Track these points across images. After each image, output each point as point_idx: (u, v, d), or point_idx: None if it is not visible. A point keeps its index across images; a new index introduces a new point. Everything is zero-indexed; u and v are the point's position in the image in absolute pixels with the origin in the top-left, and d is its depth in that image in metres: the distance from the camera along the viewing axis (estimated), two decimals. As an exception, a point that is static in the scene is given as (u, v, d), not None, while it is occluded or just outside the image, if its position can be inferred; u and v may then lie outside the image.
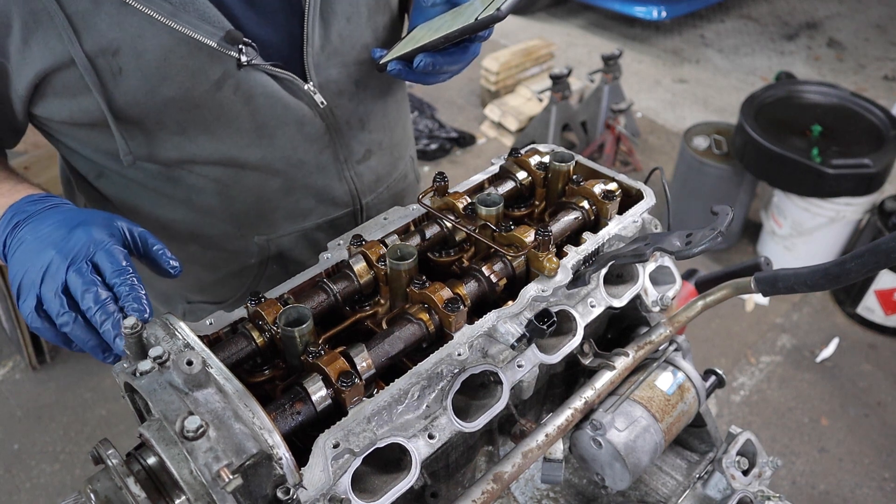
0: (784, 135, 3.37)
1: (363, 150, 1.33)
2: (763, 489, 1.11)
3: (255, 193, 1.24)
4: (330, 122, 1.23)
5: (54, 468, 2.77)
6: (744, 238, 3.92)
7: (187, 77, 1.05)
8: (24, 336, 3.01)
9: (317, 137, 1.23)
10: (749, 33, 6.35)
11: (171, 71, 1.03)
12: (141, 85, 1.03)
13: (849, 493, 2.71)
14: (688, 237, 0.87)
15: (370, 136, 1.33)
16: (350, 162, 1.31)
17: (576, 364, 1.07)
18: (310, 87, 1.17)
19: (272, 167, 1.21)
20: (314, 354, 0.81)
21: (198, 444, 0.67)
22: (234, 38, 1.04)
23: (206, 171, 1.18)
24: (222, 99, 1.09)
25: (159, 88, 1.04)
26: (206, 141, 1.13)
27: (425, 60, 1.07)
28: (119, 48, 0.99)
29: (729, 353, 3.29)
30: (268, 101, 1.13)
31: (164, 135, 1.10)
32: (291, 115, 1.17)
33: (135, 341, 0.78)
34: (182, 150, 1.13)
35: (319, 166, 1.27)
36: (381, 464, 0.82)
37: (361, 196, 1.38)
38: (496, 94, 4.91)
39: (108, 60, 1.00)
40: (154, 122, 1.08)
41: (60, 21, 0.95)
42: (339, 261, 0.99)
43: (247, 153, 1.17)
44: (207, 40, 1.02)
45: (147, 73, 1.02)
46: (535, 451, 0.94)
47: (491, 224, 1.01)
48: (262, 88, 1.12)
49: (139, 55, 1.01)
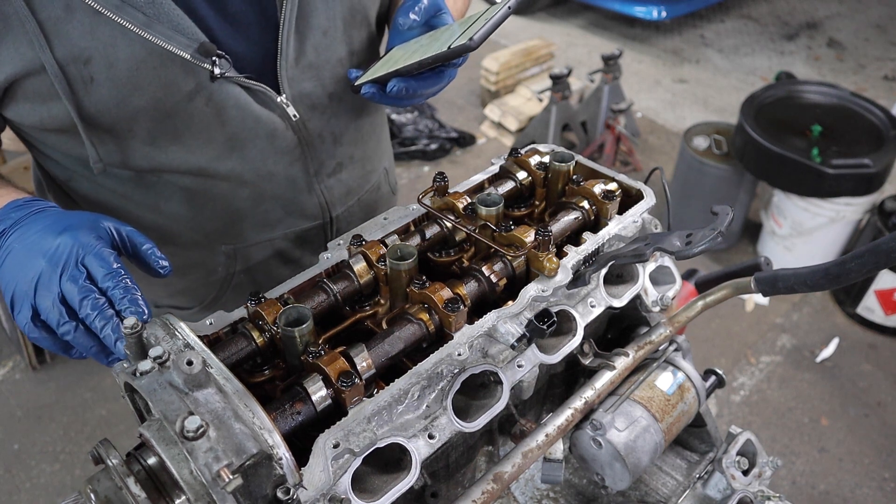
0: (784, 135, 3.37)
1: (334, 163, 1.32)
2: (763, 489, 1.11)
3: (223, 203, 1.23)
4: (302, 135, 1.22)
5: (54, 468, 2.77)
6: (744, 238, 3.92)
7: (159, 88, 1.04)
8: (23, 336, 3.01)
9: (288, 150, 1.22)
10: (749, 33, 6.35)
11: (143, 81, 1.02)
12: (112, 94, 1.02)
13: (849, 493, 2.71)
14: (688, 237, 0.87)
15: (342, 149, 1.32)
16: (321, 175, 1.31)
17: (576, 364, 1.07)
18: (282, 100, 1.16)
19: (242, 178, 1.21)
20: (314, 354, 0.81)
21: (198, 444, 0.67)
22: (207, 51, 1.03)
23: (176, 179, 1.17)
24: (193, 110, 1.08)
25: (130, 98, 1.03)
26: (177, 151, 1.12)
27: (399, 86, 1.07)
28: (91, 57, 0.98)
29: (729, 353, 3.29)
30: (239, 114, 1.12)
31: (135, 143, 1.09)
32: (263, 128, 1.16)
33: (135, 341, 0.78)
34: (152, 160, 1.12)
35: (289, 179, 1.26)
36: (381, 464, 0.82)
37: (331, 209, 1.37)
38: (496, 94, 4.91)
39: (80, 69, 0.99)
40: (125, 131, 1.07)
41: (32, 27, 0.94)
42: (339, 261, 0.99)
43: (217, 164, 1.17)
44: (181, 52, 1.01)
45: (118, 83, 1.01)
46: (535, 451, 0.94)
47: (491, 224, 1.01)
48: (235, 101, 1.11)
49: (111, 65, 1.00)
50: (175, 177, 1.16)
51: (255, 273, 1.35)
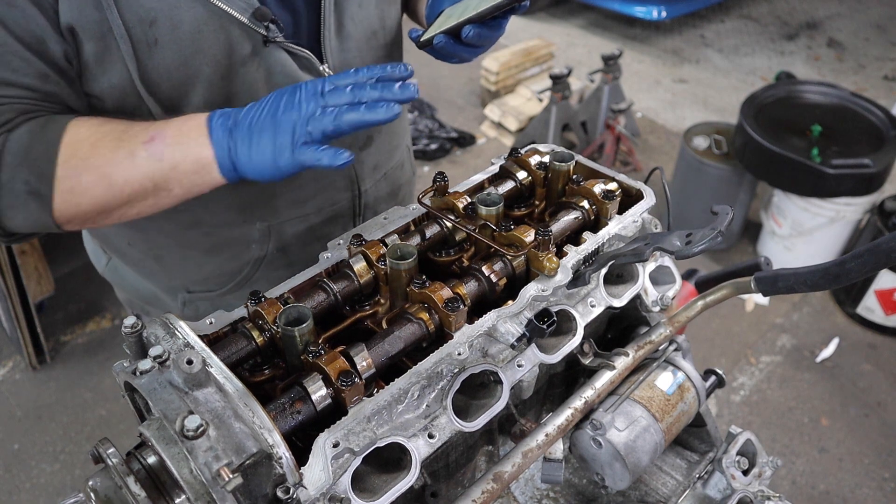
0: (784, 135, 3.37)
1: (365, 135, 1.36)
2: (763, 489, 1.11)
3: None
4: None
5: (54, 468, 2.77)
6: (744, 238, 3.92)
7: (219, 50, 1.07)
8: (24, 336, 3.01)
9: None
10: (749, 33, 6.35)
11: (205, 44, 1.05)
12: (175, 57, 1.04)
13: (849, 493, 2.71)
14: (688, 237, 0.87)
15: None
16: (353, 148, 1.33)
17: (576, 364, 1.07)
18: (325, 69, 1.19)
19: None
20: (314, 354, 0.81)
21: (198, 443, 0.67)
22: (262, 15, 1.07)
23: None
24: (246, 75, 1.12)
25: (192, 61, 1.05)
26: None
27: (473, 31, 1.08)
28: (156, 18, 1.00)
29: (729, 353, 3.28)
30: (286, 80, 1.15)
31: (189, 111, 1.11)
32: None
33: (135, 341, 0.78)
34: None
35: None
36: (381, 463, 0.82)
37: (360, 182, 1.39)
38: (496, 94, 4.91)
39: (145, 30, 1.00)
40: (181, 97, 1.09)
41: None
42: (339, 260, 0.99)
43: None
44: (239, 15, 1.05)
45: (182, 45, 1.03)
46: (535, 450, 0.94)
47: (491, 224, 1.01)
48: (282, 67, 1.14)
49: (175, 26, 1.02)
50: None
51: (287, 250, 1.37)
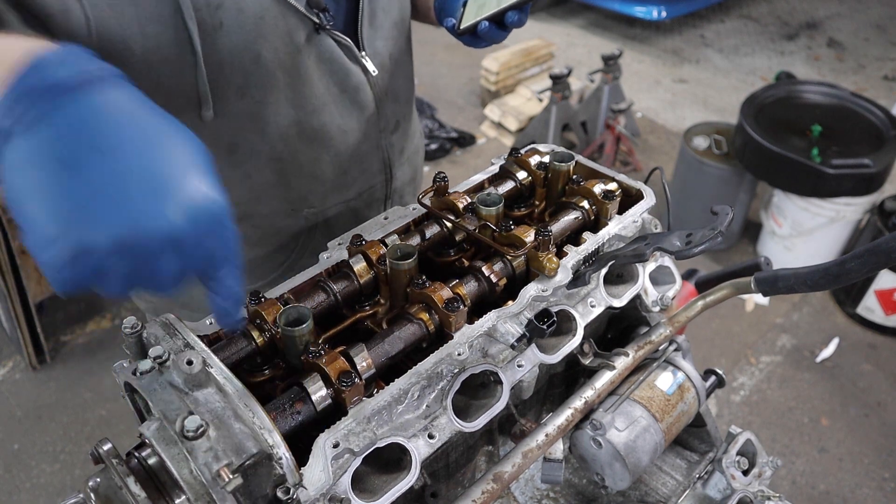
0: (784, 135, 3.37)
1: (395, 120, 1.40)
2: (763, 489, 1.11)
3: (308, 168, 1.29)
4: (377, 91, 1.30)
5: (54, 468, 2.77)
6: (744, 238, 3.92)
7: (280, 37, 1.09)
8: (23, 336, 3.01)
9: (366, 105, 1.29)
10: (749, 33, 6.35)
11: (267, 30, 1.07)
12: (239, 41, 1.06)
13: (849, 493, 2.71)
14: (688, 237, 0.87)
15: (400, 107, 1.41)
16: (386, 132, 1.38)
17: (576, 364, 1.07)
18: (363, 56, 1.24)
19: (328, 135, 1.27)
20: (314, 354, 0.81)
21: (198, 443, 0.67)
22: (316, 3, 1.11)
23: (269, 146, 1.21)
24: (300, 62, 1.14)
25: (254, 46, 1.07)
26: (282, 105, 1.17)
27: (517, 16, 1.11)
28: (222, 3, 1.02)
29: (729, 353, 3.28)
30: (334, 67, 1.20)
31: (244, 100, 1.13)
32: (351, 82, 1.24)
33: (135, 341, 0.78)
34: (256, 120, 1.17)
35: (365, 134, 1.33)
36: (381, 464, 0.82)
37: (392, 166, 1.44)
38: (496, 94, 4.91)
39: (211, 13, 1.02)
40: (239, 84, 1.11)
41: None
42: (339, 261, 0.99)
43: (311, 119, 1.22)
44: (296, 3, 1.08)
45: (245, 30, 1.05)
46: (535, 450, 0.94)
47: (491, 224, 1.01)
48: (331, 54, 1.18)
49: (240, 10, 1.04)
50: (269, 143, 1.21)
51: (330, 233, 1.39)
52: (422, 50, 1.70)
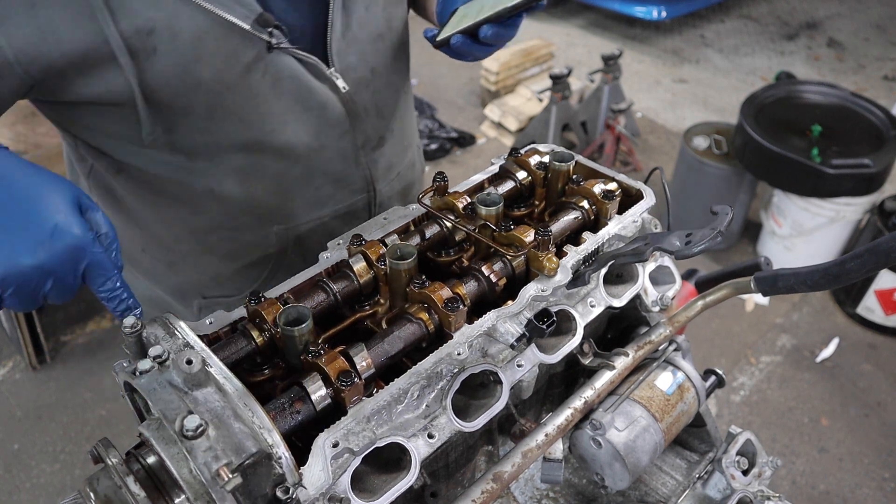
0: (784, 135, 3.37)
1: (377, 136, 1.36)
2: (763, 489, 1.11)
3: (276, 182, 1.26)
4: (350, 107, 1.25)
5: (54, 468, 2.77)
6: (744, 238, 3.92)
7: (221, 59, 1.06)
8: (24, 336, 3.01)
9: (338, 122, 1.25)
10: (749, 33, 6.35)
11: (205, 52, 1.04)
12: (175, 66, 1.03)
13: (849, 493, 2.71)
14: (687, 237, 0.87)
15: (384, 123, 1.37)
16: (366, 148, 1.34)
17: (575, 364, 1.07)
18: (332, 73, 1.19)
19: (295, 152, 1.23)
20: (314, 354, 0.81)
21: (197, 443, 0.67)
22: (265, 21, 1.06)
23: (230, 159, 1.19)
24: (251, 82, 1.11)
25: (193, 70, 1.05)
26: (233, 126, 1.15)
27: (491, 31, 1.08)
28: (154, 28, 1.00)
29: (729, 353, 3.28)
30: (294, 85, 1.16)
31: (192, 119, 1.11)
32: (315, 100, 1.19)
33: (134, 341, 0.78)
34: (207, 136, 1.14)
35: (339, 152, 1.29)
36: (381, 463, 0.82)
37: (375, 183, 1.40)
38: (496, 94, 4.91)
39: (143, 40, 1.00)
40: (183, 106, 1.09)
41: (96, 2, 0.95)
42: (339, 260, 0.99)
43: (271, 138, 1.19)
44: (241, 22, 1.04)
45: (181, 54, 1.03)
46: (534, 450, 0.94)
47: (491, 224, 1.01)
48: (290, 72, 1.14)
49: (174, 35, 1.01)
50: (229, 157, 1.18)
51: (306, 252, 1.37)
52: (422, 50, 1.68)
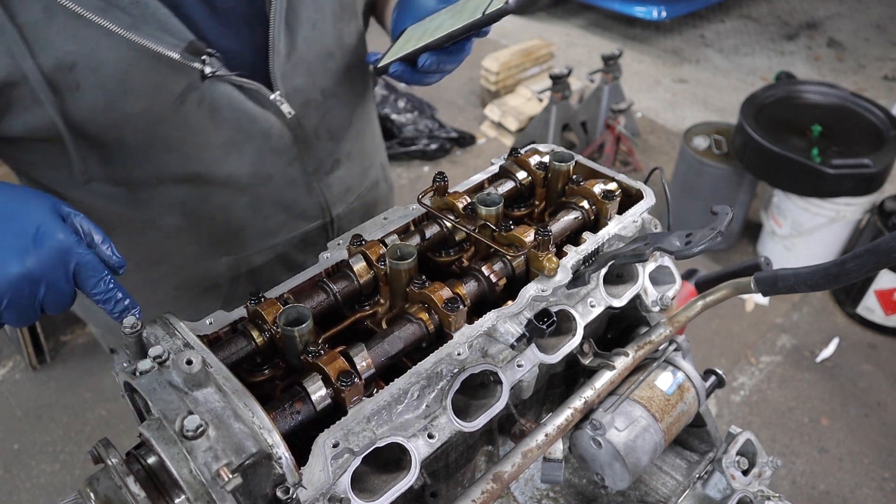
0: (784, 135, 3.37)
1: (331, 160, 1.30)
2: (763, 489, 1.11)
3: (222, 213, 1.21)
4: (297, 132, 1.20)
5: (54, 468, 2.77)
6: (744, 238, 3.92)
7: (149, 91, 1.00)
8: (24, 336, 3.01)
9: (284, 149, 1.19)
10: (749, 33, 6.35)
11: (132, 85, 0.99)
12: (100, 100, 0.98)
13: (849, 493, 2.71)
14: (687, 237, 0.87)
15: (338, 145, 1.30)
16: (319, 173, 1.28)
17: (576, 364, 1.07)
18: (276, 97, 1.13)
19: (240, 183, 1.18)
20: (314, 354, 0.81)
21: (197, 443, 0.67)
22: (197, 49, 1.00)
23: (171, 191, 1.14)
24: (186, 113, 1.05)
25: (119, 104, 1.00)
26: (171, 158, 1.09)
27: (430, 59, 1.03)
28: (75, 62, 0.94)
29: (729, 353, 3.28)
30: (234, 114, 1.09)
31: (126, 153, 1.06)
32: (258, 127, 1.13)
33: (134, 341, 0.78)
34: (146, 170, 1.09)
35: (288, 179, 1.23)
36: (381, 463, 0.82)
37: (332, 208, 1.35)
38: (496, 94, 4.91)
39: (64, 75, 0.95)
40: (114, 140, 1.04)
41: (11, 34, 0.89)
42: (339, 260, 0.99)
43: (214, 169, 1.14)
44: (169, 52, 0.97)
45: (106, 88, 0.98)
46: (534, 450, 0.94)
47: (491, 224, 1.01)
48: (228, 100, 1.08)
49: (97, 69, 0.96)
50: (170, 188, 1.13)
51: (259, 282, 1.33)
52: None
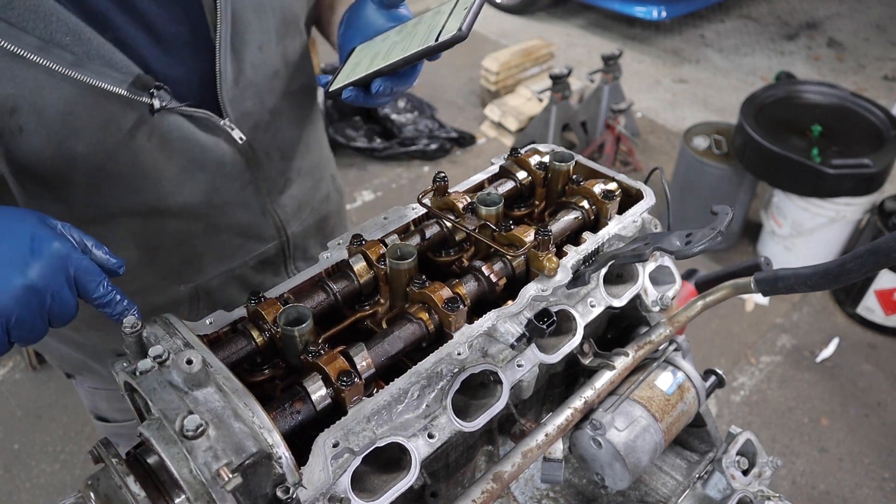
0: (784, 135, 3.37)
1: (283, 179, 1.29)
2: (763, 489, 1.11)
3: (177, 242, 1.19)
4: (249, 156, 1.18)
5: (54, 468, 2.77)
6: (744, 238, 3.92)
7: (97, 129, 0.97)
8: (24, 336, 3.01)
9: (238, 175, 1.18)
10: (749, 33, 6.34)
11: (79, 124, 0.96)
12: (45, 143, 0.95)
13: (849, 493, 2.71)
14: (687, 237, 0.87)
15: (290, 164, 1.29)
16: (273, 194, 1.27)
17: (576, 364, 1.07)
18: (226, 124, 1.11)
19: (196, 212, 1.16)
20: (314, 354, 0.81)
21: (197, 443, 0.67)
22: (144, 84, 0.97)
23: (125, 224, 1.12)
24: (137, 148, 1.02)
25: (67, 144, 0.96)
26: (123, 193, 1.07)
27: (384, 85, 1.01)
28: (17, 106, 0.91)
29: (729, 353, 3.28)
30: (185, 145, 1.07)
31: (76, 190, 1.04)
32: (210, 156, 1.12)
33: (134, 340, 0.78)
34: (97, 205, 1.07)
35: (242, 203, 1.22)
36: (381, 463, 0.82)
37: (286, 227, 1.34)
38: (496, 94, 4.91)
39: (5, 120, 0.91)
40: (64, 180, 1.01)
41: None
42: (339, 260, 0.99)
43: (167, 200, 1.12)
44: (115, 88, 0.94)
45: (51, 130, 0.94)
46: (534, 450, 0.94)
47: (491, 224, 1.01)
48: (179, 131, 1.06)
49: (40, 111, 0.92)
50: (124, 222, 1.12)
51: (217, 305, 1.30)
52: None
